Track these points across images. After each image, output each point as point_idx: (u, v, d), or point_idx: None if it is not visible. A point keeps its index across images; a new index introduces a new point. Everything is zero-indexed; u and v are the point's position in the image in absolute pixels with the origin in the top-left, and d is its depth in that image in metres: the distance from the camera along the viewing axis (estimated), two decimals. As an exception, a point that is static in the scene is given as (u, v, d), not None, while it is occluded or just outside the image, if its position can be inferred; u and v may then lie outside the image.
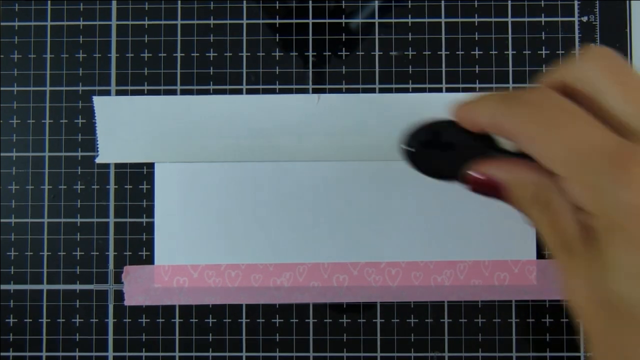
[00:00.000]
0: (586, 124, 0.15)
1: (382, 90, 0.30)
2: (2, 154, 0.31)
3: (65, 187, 0.31)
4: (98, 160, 0.30)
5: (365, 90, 0.30)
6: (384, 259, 0.30)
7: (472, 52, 0.31)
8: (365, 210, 0.30)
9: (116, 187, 0.30)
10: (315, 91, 0.30)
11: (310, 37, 0.31)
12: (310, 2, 0.31)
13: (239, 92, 0.31)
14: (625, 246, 0.14)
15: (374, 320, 0.30)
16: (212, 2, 0.31)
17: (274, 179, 0.30)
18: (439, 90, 0.30)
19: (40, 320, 0.30)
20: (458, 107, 0.19)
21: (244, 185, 0.30)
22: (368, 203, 0.30)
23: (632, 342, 0.14)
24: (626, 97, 0.15)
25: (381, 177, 0.30)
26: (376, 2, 0.31)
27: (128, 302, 0.30)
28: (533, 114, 0.16)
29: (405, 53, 0.31)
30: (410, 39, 0.31)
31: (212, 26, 0.31)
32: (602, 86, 0.16)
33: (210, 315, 0.30)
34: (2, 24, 0.31)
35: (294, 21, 0.31)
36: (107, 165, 0.31)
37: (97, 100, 0.30)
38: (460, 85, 0.30)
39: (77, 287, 0.30)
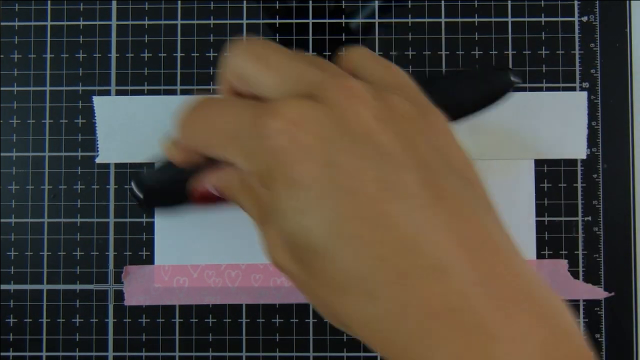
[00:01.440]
0: (228, 106, 0.17)
1: (382, 90, 0.30)
2: (2, 154, 0.31)
3: (65, 187, 0.31)
4: (98, 160, 0.30)
5: (365, 90, 0.30)
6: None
7: (472, 52, 0.31)
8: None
9: (116, 187, 0.30)
10: (315, 91, 0.30)
11: (310, 37, 0.31)
12: (310, 2, 0.31)
13: (239, 92, 0.31)
14: (281, 188, 0.15)
15: (374, 320, 0.30)
16: (212, 2, 0.31)
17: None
18: (439, 90, 0.30)
19: (40, 320, 0.30)
20: (165, 152, 0.21)
21: (244, 185, 0.30)
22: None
23: (320, 275, 0.15)
24: (263, 71, 0.17)
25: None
26: (376, 2, 0.31)
27: (128, 302, 0.30)
28: (189, 126, 0.18)
29: (405, 53, 0.31)
30: (410, 39, 0.31)
31: (212, 26, 0.31)
32: (247, 70, 0.17)
33: (210, 315, 0.30)
34: (2, 24, 0.31)
35: (294, 21, 0.31)
36: (107, 165, 0.31)
37: (97, 100, 0.30)
38: (460, 85, 0.30)
39: (77, 287, 0.30)
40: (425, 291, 0.13)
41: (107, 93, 0.31)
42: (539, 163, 0.30)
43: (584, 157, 0.30)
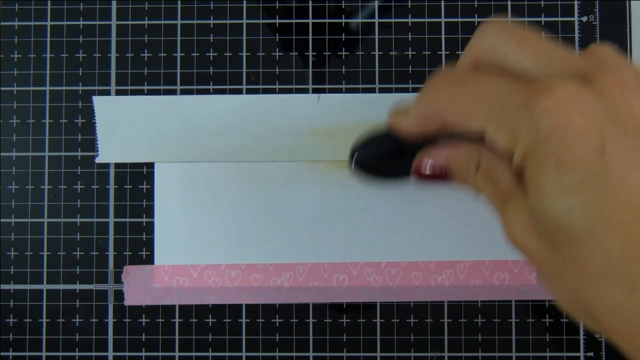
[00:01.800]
0: (493, 80, 0.17)
1: (382, 90, 0.30)
2: (2, 154, 0.31)
3: (65, 187, 0.31)
4: (98, 160, 0.30)
5: (365, 90, 0.30)
6: (384, 259, 0.30)
7: (472, 52, 0.31)
8: (365, 210, 0.30)
9: (116, 187, 0.30)
10: (315, 91, 0.31)
11: (310, 37, 0.31)
12: (310, 2, 0.31)
13: (239, 92, 0.31)
14: (547, 167, 0.15)
15: (373, 320, 0.30)
16: (212, 2, 0.31)
17: (274, 178, 0.30)
18: (439, 90, 0.30)
19: (40, 320, 0.30)
20: (391, 123, 0.22)
21: (243, 185, 0.30)
22: (368, 203, 0.30)
23: (575, 259, 0.15)
24: (525, 51, 0.17)
25: (381, 177, 0.30)
26: (376, 2, 0.31)
27: (128, 302, 0.30)
28: (444, 94, 0.19)
29: (405, 53, 0.31)
30: (410, 39, 0.31)
31: (212, 26, 0.31)
32: (503, 49, 0.18)
33: (210, 315, 0.30)
34: (2, 24, 0.31)
35: (294, 21, 0.31)
36: (107, 165, 0.31)
37: (97, 100, 0.30)
38: (460, 85, 0.30)
39: (77, 287, 0.30)
40: None
41: (107, 93, 0.31)
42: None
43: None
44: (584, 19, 0.31)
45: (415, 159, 0.22)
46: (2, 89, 0.31)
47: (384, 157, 0.24)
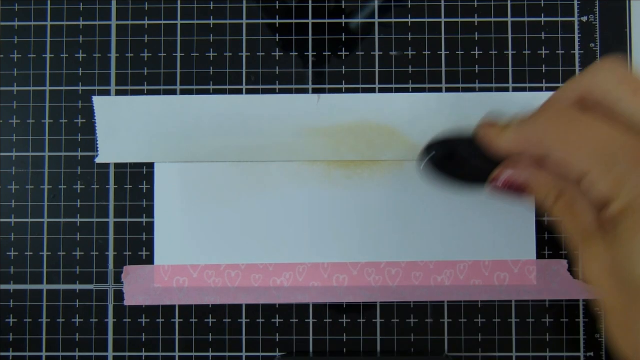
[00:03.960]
0: (605, 126, 0.18)
1: (382, 90, 0.30)
2: (2, 154, 0.31)
3: (65, 187, 0.31)
4: (98, 160, 0.30)
5: (365, 90, 0.30)
6: (384, 259, 0.30)
7: (472, 52, 0.31)
8: (365, 210, 0.30)
9: (116, 187, 0.30)
10: (315, 91, 0.31)
11: (310, 37, 0.31)
12: (310, 2, 0.31)
13: (239, 92, 0.31)
14: (638, 224, 0.16)
15: (373, 320, 0.30)
16: (212, 2, 0.31)
17: (274, 179, 0.30)
18: (439, 90, 0.30)
19: (40, 320, 0.30)
20: (483, 134, 0.22)
21: (243, 185, 0.30)
22: (367, 203, 0.30)
23: None
24: (638, 102, 0.18)
25: (381, 177, 0.30)
26: (376, 2, 0.31)
27: (128, 302, 0.30)
28: (554, 127, 0.19)
29: (405, 53, 0.31)
30: (410, 39, 0.31)
31: (212, 26, 0.31)
32: (617, 94, 0.18)
33: (210, 315, 0.30)
34: (2, 24, 0.31)
35: (293, 21, 0.31)
36: (107, 165, 0.31)
37: (97, 100, 0.30)
38: (460, 85, 0.30)
39: (77, 287, 0.30)
40: None
41: (107, 93, 0.31)
42: (539, 163, 0.30)
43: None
44: (584, 19, 0.31)
45: (497, 169, 0.23)
46: (2, 89, 0.31)
47: (462, 162, 0.24)
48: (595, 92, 0.19)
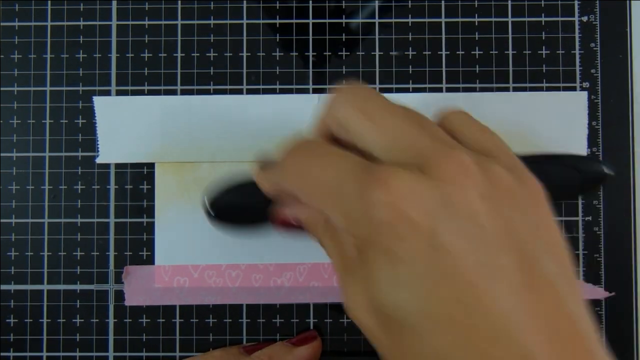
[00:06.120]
0: (336, 157, 0.17)
1: (382, 90, 0.30)
2: (2, 154, 0.31)
3: (65, 187, 0.31)
4: (98, 161, 0.30)
5: (365, 90, 0.30)
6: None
7: (472, 52, 0.31)
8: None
9: (116, 187, 0.30)
10: (315, 91, 0.31)
11: (311, 37, 0.31)
12: (310, 2, 0.31)
13: (239, 92, 0.31)
14: (380, 259, 0.15)
15: (374, 320, 0.30)
16: (212, 2, 0.31)
17: (274, 179, 0.30)
18: (439, 90, 0.30)
19: (40, 320, 0.30)
20: (255, 176, 0.22)
21: (244, 185, 0.30)
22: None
23: (408, 349, 0.15)
24: (370, 128, 0.17)
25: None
26: (376, 2, 0.31)
27: (128, 302, 0.30)
28: (293, 172, 0.18)
29: (406, 53, 0.31)
30: (410, 39, 0.31)
31: (212, 26, 0.31)
32: (351, 125, 0.17)
33: (211, 315, 0.30)
34: (2, 24, 0.31)
35: (294, 21, 0.31)
36: (107, 165, 0.31)
37: (98, 101, 0.30)
38: (461, 85, 0.30)
39: (78, 287, 0.30)
40: None
41: (107, 93, 0.31)
42: (539, 163, 0.30)
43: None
44: (584, 19, 0.31)
45: (271, 209, 0.22)
46: (2, 89, 0.31)
47: (245, 207, 0.24)
48: (333, 126, 0.18)
